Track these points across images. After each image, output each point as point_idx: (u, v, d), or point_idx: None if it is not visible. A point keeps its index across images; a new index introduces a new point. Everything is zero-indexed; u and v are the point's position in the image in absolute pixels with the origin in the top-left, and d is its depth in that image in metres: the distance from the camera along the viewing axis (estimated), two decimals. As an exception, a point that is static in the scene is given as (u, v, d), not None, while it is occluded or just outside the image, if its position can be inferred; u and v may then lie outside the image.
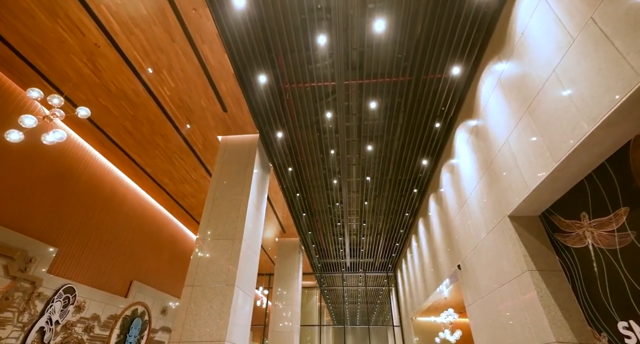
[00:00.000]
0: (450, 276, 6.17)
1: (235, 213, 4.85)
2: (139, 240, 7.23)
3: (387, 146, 6.35)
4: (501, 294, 3.92)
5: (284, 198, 7.80)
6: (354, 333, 25.37)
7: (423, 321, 10.40)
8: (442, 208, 6.28)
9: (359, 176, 7.57)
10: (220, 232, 4.70)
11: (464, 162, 4.95)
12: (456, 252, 5.58)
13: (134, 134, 5.56)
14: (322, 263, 13.11)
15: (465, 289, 5.18)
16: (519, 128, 3.30)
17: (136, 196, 7.14)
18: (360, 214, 9.20)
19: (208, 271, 4.37)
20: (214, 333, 3.89)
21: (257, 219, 5.43)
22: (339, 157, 6.70)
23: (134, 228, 7.07)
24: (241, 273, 4.49)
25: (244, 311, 4.50)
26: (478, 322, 4.69)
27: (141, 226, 7.32)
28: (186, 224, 9.33)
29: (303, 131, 5.84)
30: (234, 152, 5.52)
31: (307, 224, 9.42)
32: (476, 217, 4.58)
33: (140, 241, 7.29)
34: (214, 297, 4.16)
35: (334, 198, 8.22)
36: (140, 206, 7.25)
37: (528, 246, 3.47)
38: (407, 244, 10.31)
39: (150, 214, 7.66)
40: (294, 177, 7.23)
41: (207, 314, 4.04)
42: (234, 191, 5.08)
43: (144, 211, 7.42)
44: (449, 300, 7.91)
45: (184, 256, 9.22)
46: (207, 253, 4.51)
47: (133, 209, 7.04)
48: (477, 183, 4.50)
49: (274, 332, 8.60)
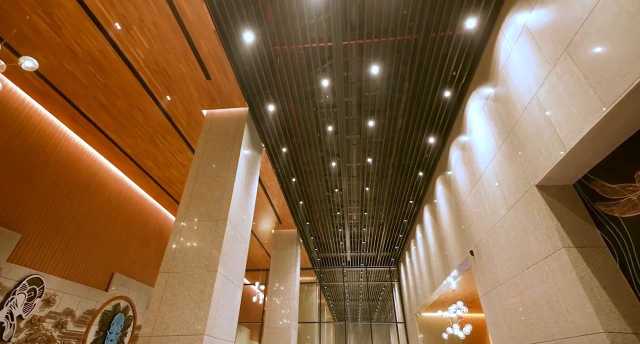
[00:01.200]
0: (460, 265, 5.61)
1: (219, 192, 4.30)
2: (122, 229, 6.68)
3: (390, 124, 5.79)
4: (525, 279, 3.36)
5: (278, 184, 7.24)
6: (355, 331, 24.85)
7: (428, 317, 9.85)
8: (451, 191, 5.72)
9: (359, 161, 7.01)
10: (203, 213, 4.14)
11: (478, 134, 4.39)
12: (468, 238, 5.02)
13: (109, 109, 5.00)
14: (322, 257, 12.56)
15: (479, 277, 4.62)
16: (553, 76, 2.74)
17: (118, 181, 6.59)
18: (361, 203, 8.64)
19: (187, 255, 3.82)
20: (192, 326, 3.34)
21: (246, 202, 4.88)
22: (338, 137, 6.14)
23: (116, 217, 6.52)
24: (226, 258, 3.94)
25: (229, 302, 3.95)
26: (495, 313, 4.14)
27: (124, 214, 6.77)
28: (175, 213, 8.78)
29: (297, 105, 5.28)
30: (221, 126, 4.96)
31: (305, 213, 8.87)
32: (493, 193, 4.02)
33: (124, 230, 6.74)
34: (192, 284, 3.61)
35: (332, 184, 7.66)
36: (123, 193, 6.70)
37: (562, 220, 2.91)
38: (411, 235, 9.75)
39: (135, 202, 7.11)
40: (289, 160, 6.67)
41: (184, 304, 3.48)
42: (219, 168, 4.52)
43: (128, 199, 6.87)
44: (457, 293, 7.36)
45: (174, 249, 8.70)
46: (186, 236, 3.96)
47: (115, 196, 6.49)
48: (494, 155, 3.93)
49: (270, 329, 8.06)
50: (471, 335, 9.02)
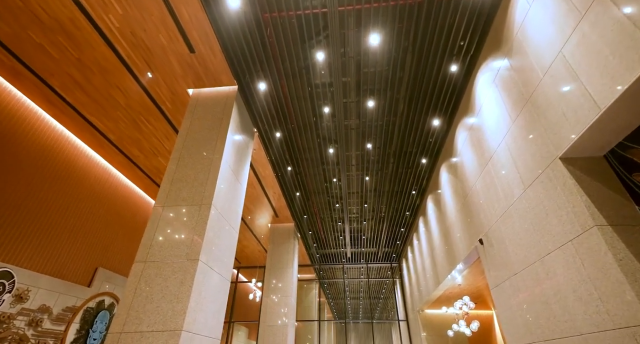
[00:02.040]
0: (467, 257, 5.21)
1: (204, 175, 3.90)
2: (107, 222, 6.29)
3: (391, 106, 5.39)
4: (546, 266, 2.96)
5: (273, 173, 6.85)
6: (356, 330, 24.45)
7: (432, 314, 9.45)
8: (458, 177, 5.31)
9: (358, 149, 6.61)
10: (185, 196, 3.75)
11: (488, 111, 3.99)
12: (476, 226, 4.62)
13: (86, 88, 4.61)
14: (321, 253, 12.17)
15: (490, 267, 4.22)
16: (585, 25, 2.33)
17: (102, 171, 6.20)
18: (360, 195, 8.24)
19: (166, 243, 3.42)
20: (169, 320, 2.95)
21: (235, 188, 4.49)
22: (335, 122, 5.74)
23: (101, 208, 6.14)
24: (210, 246, 3.54)
25: (213, 295, 3.56)
26: (508, 306, 3.74)
27: (110, 206, 6.39)
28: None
29: (290, 83, 4.88)
30: (207, 106, 4.57)
31: (302, 206, 8.47)
32: (507, 173, 3.61)
33: (110, 223, 6.35)
34: (171, 275, 3.22)
35: (330, 174, 7.27)
36: (108, 184, 6.31)
37: (593, 195, 2.51)
38: (414, 228, 9.35)
39: (123, 193, 6.73)
40: (283, 147, 6.27)
41: (160, 297, 3.09)
42: (204, 150, 4.13)
43: (114, 190, 6.48)
44: (463, 287, 6.96)
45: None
46: (166, 222, 3.57)
47: (99, 186, 6.10)
48: (507, 130, 3.53)
49: (266, 326, 7.67)
50: (477, 333, 8.62)
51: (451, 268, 6.08)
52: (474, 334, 8.58)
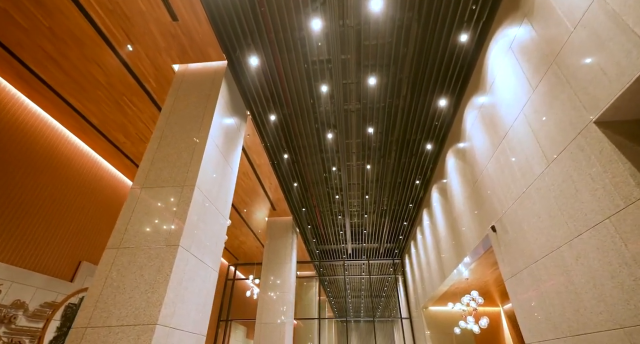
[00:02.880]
0: (477, 247, 4.82)
1: (188, 155, 3.52)
2: (92, 213, 5.92)
3: (394, 85, 4.99)
4: (576, 250, 2.57)
5: (269, 161, 6.46)
6: (357, 329, 24.07)
7: (437, 311, 9.06)
8: (466, 161, 4.92)
9: (359, 136, 6.21)
10: (166, 177, 3.37)
11: (502, 83, 3.59)
12: (488, 212, 4.23)
13: (61, 63, 4.23)
14: (321, 249, 11.79)
15: (504, 256, 3.83)
16: (628, -46, 1.94)
17: (87, 158, 5.83)
18: (361, 186, 7.85)
19: (143, 227, 3.04)
20: (142, 313, 2.57)
21: (224, 171, 4.11)
22: (334, 104, 5.35)
23: (85, 198, 5.76)
24: (193, 231, 3.16)
25: (197, 286, 3.18)
26: (527, 298, 3.35)
27: (96, 196, 6.01)
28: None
29: (285, 58, 4.49)
30: (194, 82, 4.19)
31: (300, 198, 8.09)
32: (525, 149, 3.22)
33: (95, 214, 5.98)
34: (146, 262, 2.84)
35: (329, 163, 6.88)
36: (92, 172, 5.94)
37: (639, 163, 2.12)
38: (418, 221, 8.96)
39: (109, 183, 6.35)
40: (279, 132, 5.88)
41: (134, 287, 2.71)
42: (188, 128, 3.75)
43: (99, 179, 6.11)
44: (470, 282, 6.56)
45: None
46: (143, 204, 3.19)
47: (83, 174, 5.73)
48: (526, 100, 3.14)
49: (262, 324, 7.29)
50: (485, 331, 8.23)
51: (458, 261, 5.69)
52: (482, 332, 8.18)
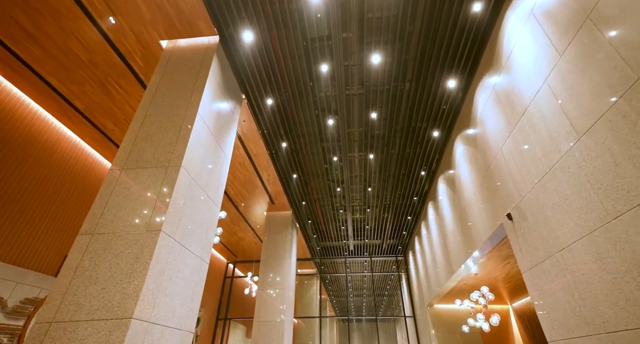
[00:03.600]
0: (489, 239, 4.48)
1: (173, 134, 3.20)
2: (80, 205, 5.61)
3: (399, 67, 4.66)
4: (615, 232, 2.23)
5: (266, 151, 6.14)
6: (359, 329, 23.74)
7: (443, 309, 8.72)
8: (477, 147, 4.58)
9: (361, 125, 5.88)
10: (148, 158, 3.05)
11: (521, 52, 3.26)
12: (502, 200, 3.89)
13: (37, 38, 3.91)
14: (322, 246, 11.46)
15: (522, 246, 3.49)
16: None
17: (73, 147, 5.52)
18: (364, 177, 7.51)
19: (121, 211, 2.72)
20: (115, 306, 2.25)
21: (216, 155, 3.78)
22: (335, 87, 5.02)
23: (72, 189, 5.45)
24: (178, 216, 2.84)
25: (184, 277, 2.85)
26: (551, 291, 3.01)
27: (84, 187, 5.70)
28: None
29: (282, 34, 4.16)
30: (183, 59, 3.86)
31: (300, 191, 7.76)
32: (549, 124, 2.88)
33: (83, 206, 5.67)
34: (124, 249, 2.51)
35: (330, 152, 6.55)
36: (79, 161, 5.63)
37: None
38: (422, 215, 8.62)
39: (97, 173, 6.04)
40: (277, 119, 5.55)
41: (108, 276, 2.39)
42: (175, 106, 3.42)
43: (88, 169, 5.79)
44: (480, 277, 6.22)
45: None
46: (122, 187, 2.87)
47: (68, 163, 5.42)
48: (551, 69, 2.80)
49: (260, 322, 6.96)
50: (493, 330, 7.89)
51: (467, 255, 5.35)
52: (490, 331, 7.84)
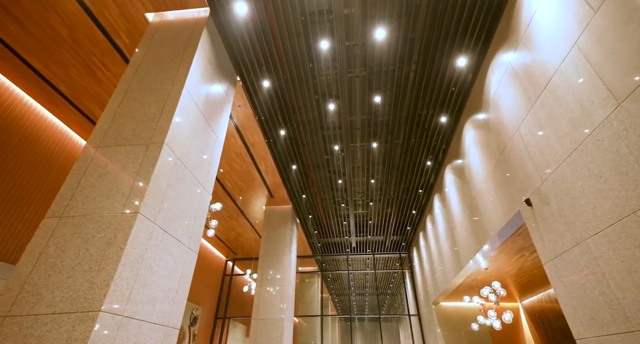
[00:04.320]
0: (503, 229, 4.14)
1: (157, 108, 2.88)
2: (67, 196, 5.29)
3: (405, 45, 4.33)
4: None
5: (264, 140, 5.82)
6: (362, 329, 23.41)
7: (450, 307, 8.38)
8: (490, 130, 4.25)
9: (364, 112, 5.56)
10: (128, 135, 2.73)
11: (545, 14, 2.92)
12: (519, 184, 3.56)
13: (12, 11, 3.60)
14: (323, 242, 11.14)
15: (543, 234, 3.16)
16: None
17: (57, 133, 5.22)
18: (366, 168, 7.18)
19: (94, 192, 2.41)
20: (82, 297, 1.94)
21: (206, 135, 3.47)
22: (337, 68, 4.70)
23: (56, 179, 5.15)
24: (160, 197, 2.53)
25: (167, 266, 2.54)
26: (580, 283, 2.67)
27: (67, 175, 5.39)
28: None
29: (278, 5, 3.84)
30: (170, 32, 3.55)
31: (299, 183, 7.44)
32: (579, 93, 2.55)
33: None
34: (95, 233, 2.20)
35: (331, 141, 6.22)
36: (65, 149, 5.33)
37: None
38: (428, 209, 8.28)
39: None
40: (274, 105, 5.23)
41: (75, 264, 2.08)
42: (160, 80, 3.11)
43: (73, 157, 5.49)
44: (490, 272, 5.88)
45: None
46: (98, 165, 2.56)
47: (52, 151, 5.12)
48: (583, 29, 2.47)
49: (259, 320, 6.65)
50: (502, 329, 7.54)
51: (478, 248, 5.02)
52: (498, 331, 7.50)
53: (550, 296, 6.68)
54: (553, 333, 6.68)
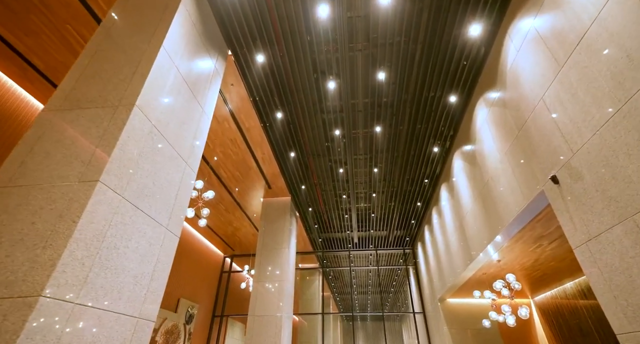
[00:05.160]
0: (522, 214, 3.74)
1: (129, 69, 2.50)
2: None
3: (414, 9, 3.94)
4: None
5: (259, 123, 5.44)
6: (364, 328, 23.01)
7: (457, 304, 7.97)
8: (507, 105, 3.86)
9: (366, 95, 5.19)
10: (94, 97, 2.35)
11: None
12: (544, 159, 3.16)
13: (-20, -30, 3.24)
14: (324, 238, 10.76)
15: (574, 214, 2.76)
16: None
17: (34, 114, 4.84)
18: (369, 157, 6.79)
19: (48, 159, 2.03)
20: (21, 280, 1.56)
21: (189, 105, 3.09)
22: (337, 42, 4.32)
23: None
24: (129, 167, 2.15)
25: (140, 248, 2.16)
26: (622, 268, 2.27)
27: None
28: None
29: (271, -35, 3.46)
30: (149, -8, 3.18)
31: (298, 172, 7.05)
32: (624, 43, 2.15)
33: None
34: (45, 205, 1.83)
35: (332, 126, 5.83)
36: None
37: None
38: (434, 201, 7.88)
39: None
40: (269, 81, 4.85)
41: (17, 240, 1.70)
42: (135, 40, 2.73)
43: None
44: (502, 265, 5.47)
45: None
46: (55, 130, 2.18)
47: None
48: (625, -35, 2.07)
49: (256, 317, 6.27)
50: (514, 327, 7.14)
51: (491, 238, 4.62)
52: (508, 328, 7.09)
53: (567, 292, 6.26)
54: (569, 331, 6.26)
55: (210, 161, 6.39)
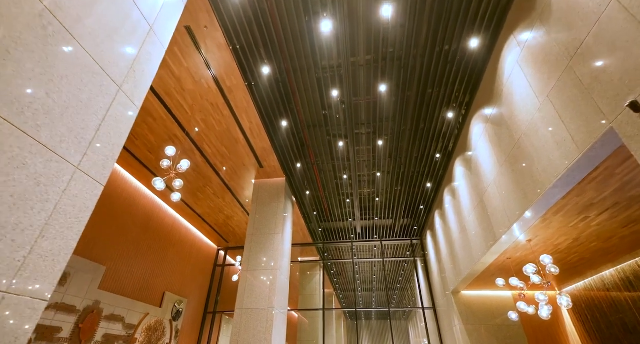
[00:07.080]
0: (574, 168, 2.88)
1: None
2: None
3: None
4: None
5: (243, 82, 4.62)
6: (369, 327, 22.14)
7: (473, 296, 7.09)
8: (551, 34, 2.99)
9: (369, 51, 4.34)
10: (-49, -44, 1.54)
11: None
12: (616, 84, 2.30)
13: None
14: (324, 227, 9.93)
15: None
16: None
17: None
18: (373, 125, 5.94)
19: None
20: None
21: (125, 11, 2.28)
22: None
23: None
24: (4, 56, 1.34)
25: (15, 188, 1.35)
26: None
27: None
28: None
29: None
30: None
31: (293, 147, 6.21)
32: None
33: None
34: None
35: (329, 84, 4.99)
36: None
37: None
38: (447, 180, 7.01)
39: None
40: (252, 24, 4.02)
41: None
42: None
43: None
44: (533, 247, 4.59)
45: (126, 208, 6.17)
46: None
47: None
48: None
49: (243, 310, 5.46)
50: (538, 322, 6.26)
51: (523, 210, 3.75)
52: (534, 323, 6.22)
53: (605, 281, 5.36)
54: (608, 328, 5.36)
55: (191, 133, 5.59)
